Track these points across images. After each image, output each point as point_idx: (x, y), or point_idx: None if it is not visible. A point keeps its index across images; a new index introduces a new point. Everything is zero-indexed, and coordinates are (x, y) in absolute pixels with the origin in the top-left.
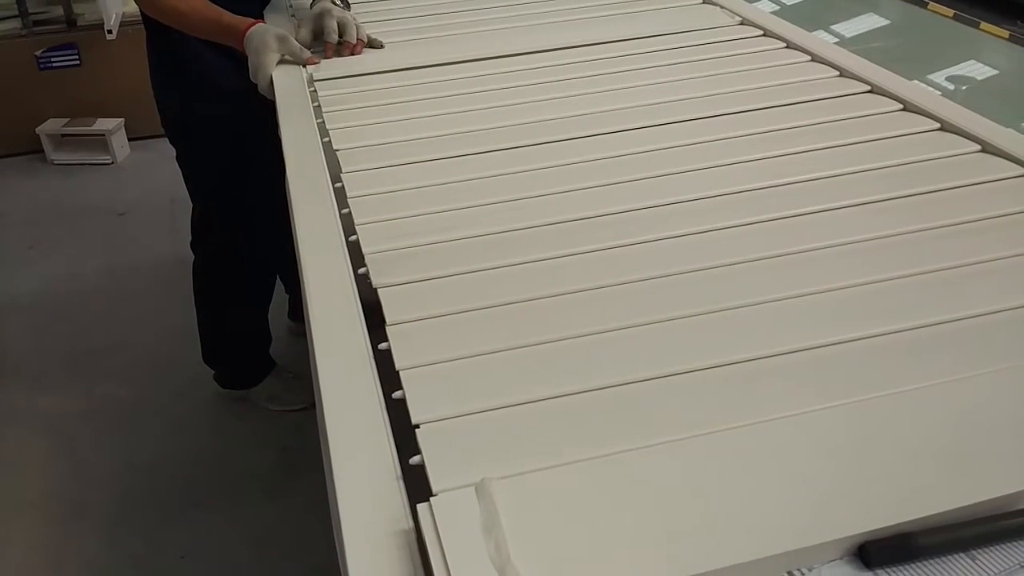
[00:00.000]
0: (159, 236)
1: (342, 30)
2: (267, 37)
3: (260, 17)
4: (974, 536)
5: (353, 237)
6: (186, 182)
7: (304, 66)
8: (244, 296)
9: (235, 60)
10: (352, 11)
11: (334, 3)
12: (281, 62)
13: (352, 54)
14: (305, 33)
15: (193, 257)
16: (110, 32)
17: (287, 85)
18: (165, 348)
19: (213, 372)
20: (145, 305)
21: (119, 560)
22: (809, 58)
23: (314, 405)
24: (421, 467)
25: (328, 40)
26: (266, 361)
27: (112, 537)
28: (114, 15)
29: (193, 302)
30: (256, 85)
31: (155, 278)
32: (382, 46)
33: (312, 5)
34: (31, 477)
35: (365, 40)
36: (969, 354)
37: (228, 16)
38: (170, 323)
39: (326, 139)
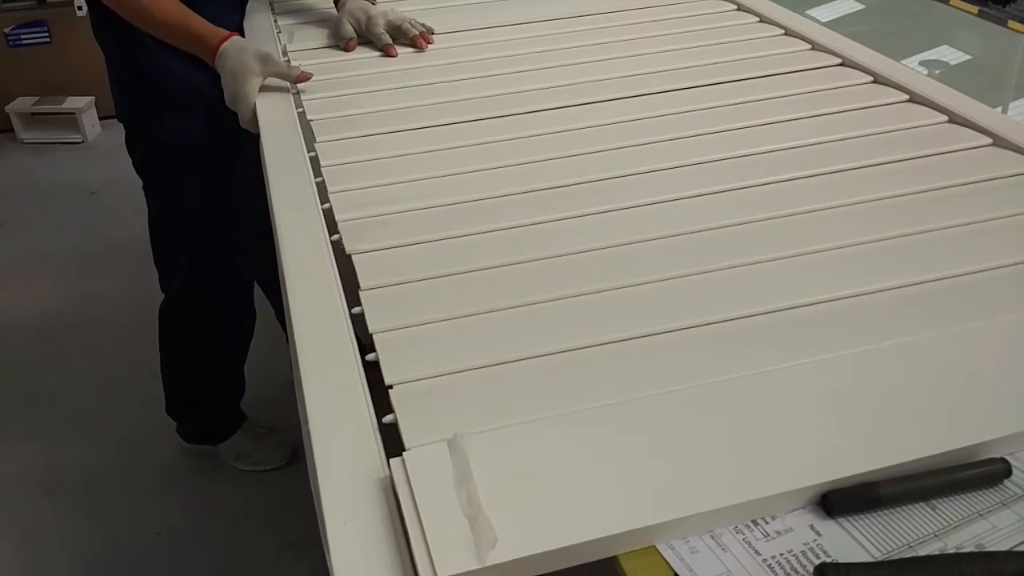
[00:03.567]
0: (131, 215)
1: (396, 30)
2: (245, 57)
3: (239, 14)
4: (934, 486)
5: (327, 205)
6: (151, 219)
7: (295, 83)
8: (220, 346)
9: (207, 70)
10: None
11: None
12: (264, 87)
13: (421, 48)
14: (347, 31)
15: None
16: (80, 9)
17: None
18: (138, 326)
19: (176, 424)
20: (117, 283)
21: (94, 538)
22: (782, 32)
23: (288, 463)
24: (394, 426)
25: (383, 43)
26: (237, 415)
27: (87, 515)
28: None
29: (159, 341)
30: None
31: (127, 257)
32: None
33: (337, 1)
34: (3, 455)
35: (424, 29)
36: (934, 314)
37: (198, 23)
38: (143, 301)
39: (300, 110)
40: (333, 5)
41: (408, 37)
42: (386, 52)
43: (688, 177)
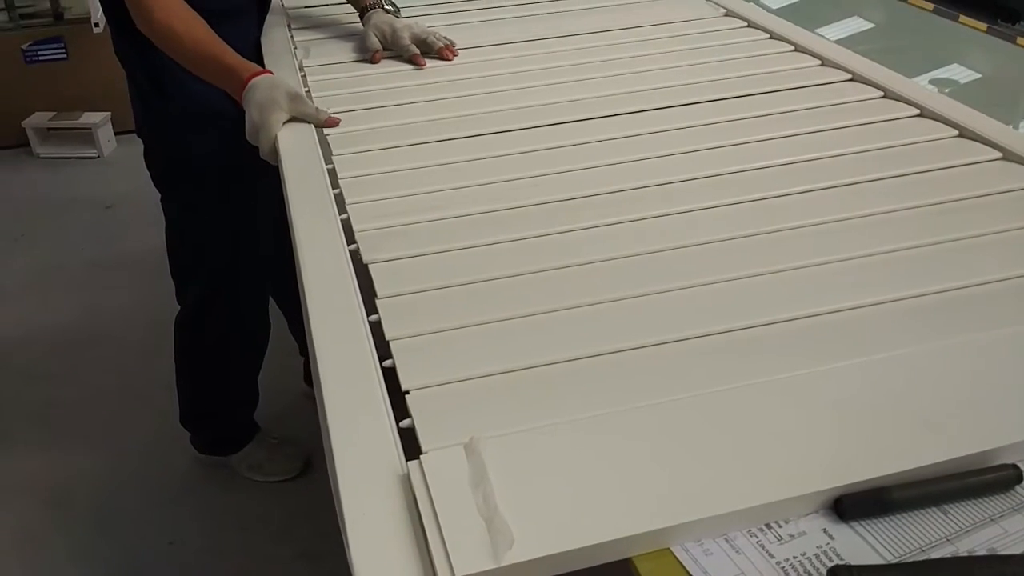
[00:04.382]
0: (146, 229)
1: (422, 43)
2: (275, 93)
3: (257, 30)
4: (946, 491)
5: (344, 216)
6: (169, 231)
7: (321, 127)
8: (235, 358)
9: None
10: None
11: (384, 9)
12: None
13: (447, 59)
14: (373, 43)
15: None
16: (97, 25)
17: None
18: (152, 339)
19: (189, 436)
20: (131, 297)
21: (106, 547)
22: (792, 48)
23: (301, 474)
24: (411, 430)
25: (411, 53)
26: (250, 426)
27: (99, 525)
28: (101, 8)
29: (174, 353)
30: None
31: (142, 271)
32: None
33: (362, 16)
34: (17, 466)
35: (449, 42)
36: (946, 324)
37: (232, 56)
38: (156, 315)
39: None
40: (351, 21)
41: (434, 50)
42: (414, 62)
43: (700, 190)
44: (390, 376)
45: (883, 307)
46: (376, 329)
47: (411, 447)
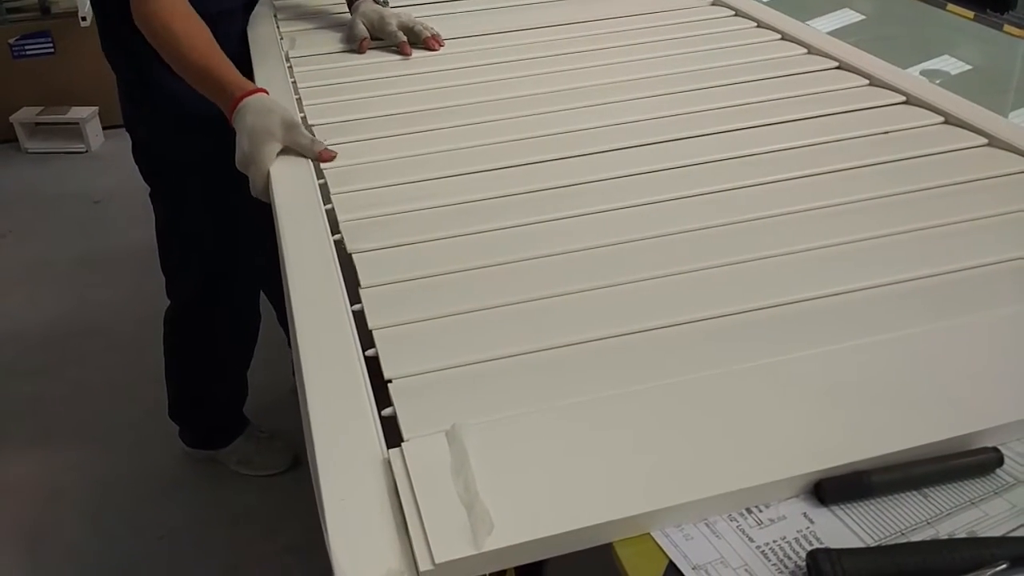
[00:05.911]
0: (134, 224)
1: (409, 32)
2: (269, 120)
3: (240, 24)
4: (925, 475)
5: (329, 206)
6: (159, 225)
7: (316, 160)
8: (225, 352)
9: None
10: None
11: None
12: (283, 152)
13: (433, 49)
14: (360, 31)
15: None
16: (84, 19)
17: (267, 60)
18: (141, 334)
19: (178, 430)
20: (120, 292)
21: (96, 542)
22: (779, 36)
23: (290, 468)
24: (393, 418)
25: (398, 40)
26: (239, 420)
27: (89, 519)
28: (88, 2)
29: (163, 347)
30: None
31: (130, 265)
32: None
33: (351, 5)
34: (6, 462)
35: (435, 32)
36: (928, 308)
37: (224, 68)
38: (145, 309)
39: (302, 115)
40: (338, 12)
41: (421, 39)
42: (401, 50)
43: (686, 177)
44: (373, 365)
45: (867, 292)
46: (359, 318)
47: (393, 435)
